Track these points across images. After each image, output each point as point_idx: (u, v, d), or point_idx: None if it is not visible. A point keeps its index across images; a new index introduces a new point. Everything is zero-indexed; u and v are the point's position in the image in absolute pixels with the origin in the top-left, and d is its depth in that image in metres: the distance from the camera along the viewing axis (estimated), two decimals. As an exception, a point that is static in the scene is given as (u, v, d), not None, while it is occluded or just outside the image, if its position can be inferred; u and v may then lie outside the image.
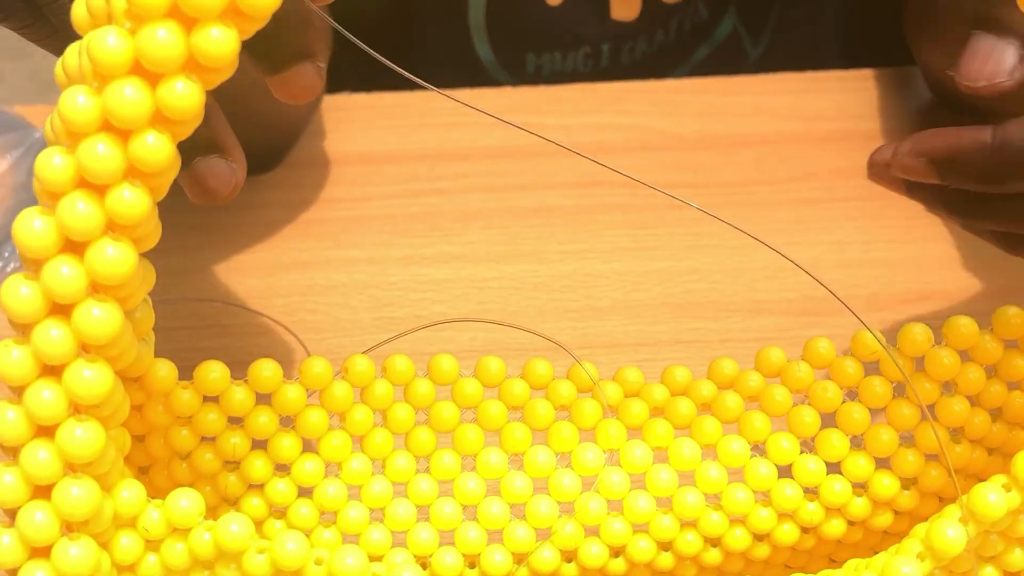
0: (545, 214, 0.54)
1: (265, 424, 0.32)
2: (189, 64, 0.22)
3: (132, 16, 0.22)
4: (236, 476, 0.33)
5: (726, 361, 0.34)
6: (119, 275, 0.24)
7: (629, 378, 0.34)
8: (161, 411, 0.32)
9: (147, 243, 0.25)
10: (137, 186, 0.23)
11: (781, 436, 0.33)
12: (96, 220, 0.23)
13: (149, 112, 0.22)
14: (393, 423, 0.33)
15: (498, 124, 0.58)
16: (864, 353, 0.33)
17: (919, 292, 0.49)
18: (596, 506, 0.33)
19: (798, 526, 0.33)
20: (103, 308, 0.24)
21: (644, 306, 0.49)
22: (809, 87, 0.63)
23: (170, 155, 0.23)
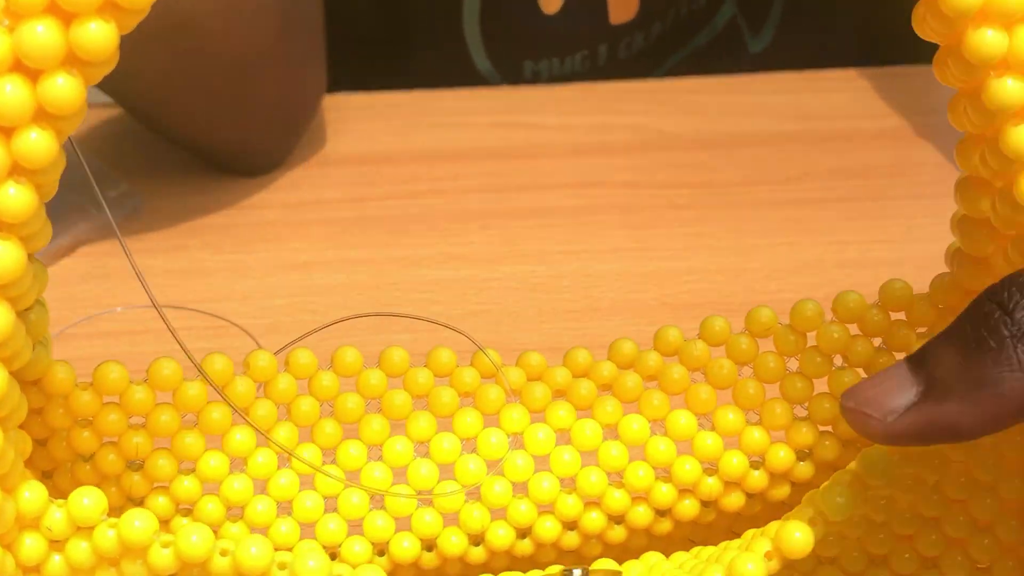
0: (544, 215, 0.54)
1: (167, 423, 0.32)
2: (69, 59, 0.22)
3: (10, 13, 0.22)
4: (140, 476, 0.33)
5: (626, 342, 0.35)
6: (7, 275, 0.23)
7: (532, 362, 0.35)
8: (62, 413, 0.31)
9: (36, 243, 0.25)
10: (23, 183, 0.23)
11: (680, 413, 0.34)
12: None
13: (31, 109, 0.22)
14: (297, 416, 0.33)
15: (497, 125, 0.59)
16: (758, 330, 0.34)
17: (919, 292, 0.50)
18: (501, 488, 0.33)
19: (698, 500, 0.34)
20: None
21: (643, 306, 0.49)
22: (809, 87, 0.64)
23: (54, 151, 0.23)
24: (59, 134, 0.23)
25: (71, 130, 0.23)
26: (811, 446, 0.34)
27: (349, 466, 0.34)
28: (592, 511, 0.34)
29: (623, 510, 0.34)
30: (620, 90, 0.63)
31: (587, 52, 0.63)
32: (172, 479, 0.33)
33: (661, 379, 0.34)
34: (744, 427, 0.34)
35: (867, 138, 0.61)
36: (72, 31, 0.22)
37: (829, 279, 0.52)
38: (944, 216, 0.55)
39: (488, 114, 0.61)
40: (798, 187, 0.58)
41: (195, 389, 0.32)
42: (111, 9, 0.22)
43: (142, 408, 0.32)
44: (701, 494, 0.34)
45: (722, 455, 0.34)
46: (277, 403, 0.33)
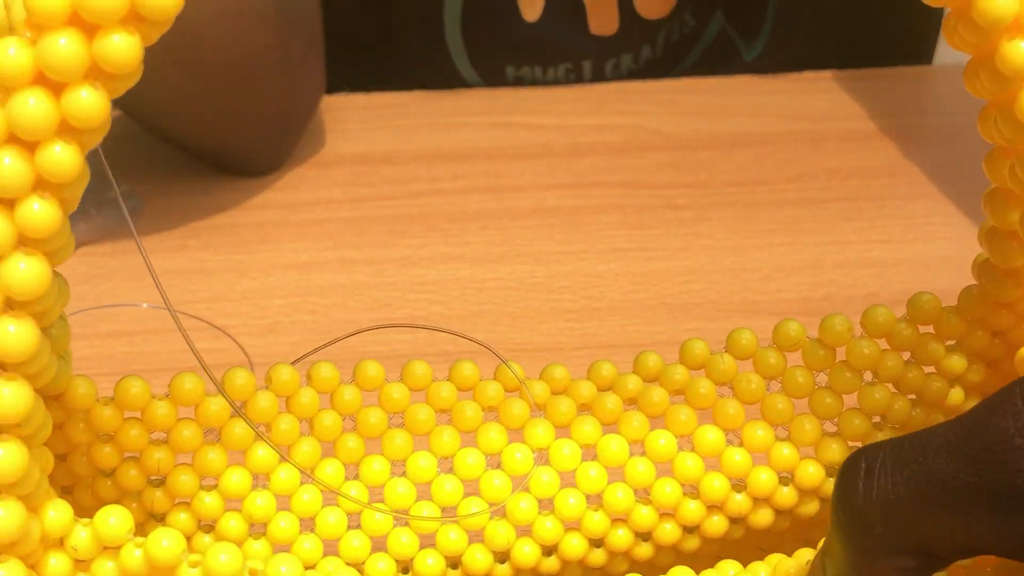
0: (543, 215, 0.54)
1: (189, 438, 0.32)
2: (93, 72, 0.22)
3: (32, 26, 0.22)
4: (162, 491, 0.32)
5: (651, 355, 0.34)
6: (33, 290, 0.23)
7: (556, 376, 0.34)
8: (83, 429, 0.31)
9: (60, 257, 0.24)
10: (47, 198, 0.23)
11: (707, 429, 0.33)
12: (6, 234, 0.23)
13: (55, 122, 0.22)
14: (320, 431, 0.33)
15: (496, 124, 0.59)
16: (786, 344, 0.33)
17: (917, 292, 0.50)
18: (527, 505, 0.33)
19: (727, 517, 0.34)
20: (18, 324, 0.23)
21: (642, 307, 0.49)
22: (808, 87, 0.64)
23: (79, 165, 0.23)
24: (83, 148, 0.23)
25: (94, 143, 0.23)
26: (840, 462, 0.33)
27: (372, 481, 0.33)
28: (619, 528, 0.33)
29: (650, 527, 0.33)
30: (618, 91, 0.63)
31: (571, 65, 0.62)
32: (194, 495, 0.32)
33: (688, 393, 0.34)
34: (773, 443, 0.33)
35: (865, 138, 0.61)
36: (96, 43, 0.21)
37: (828, 279, 0.52)
38: (942, 216, 0.55)
39: (487, 115, 0.61)
40: (796, 187, 0.58)
41: (217, 404, 0.32)
42: (135, 21, 0.22)
43: (164, 423, 0.32)
44: (729, 511, 0.33)
45: (751, 471, 0.33)
46: (299, 418, 0.33)
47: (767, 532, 0.35)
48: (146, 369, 0.46)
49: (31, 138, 0.22)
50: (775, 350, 0.33)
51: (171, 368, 0.32)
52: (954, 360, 0.33)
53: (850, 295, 0.51)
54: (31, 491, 0.26)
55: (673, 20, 0.65)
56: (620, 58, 0.61)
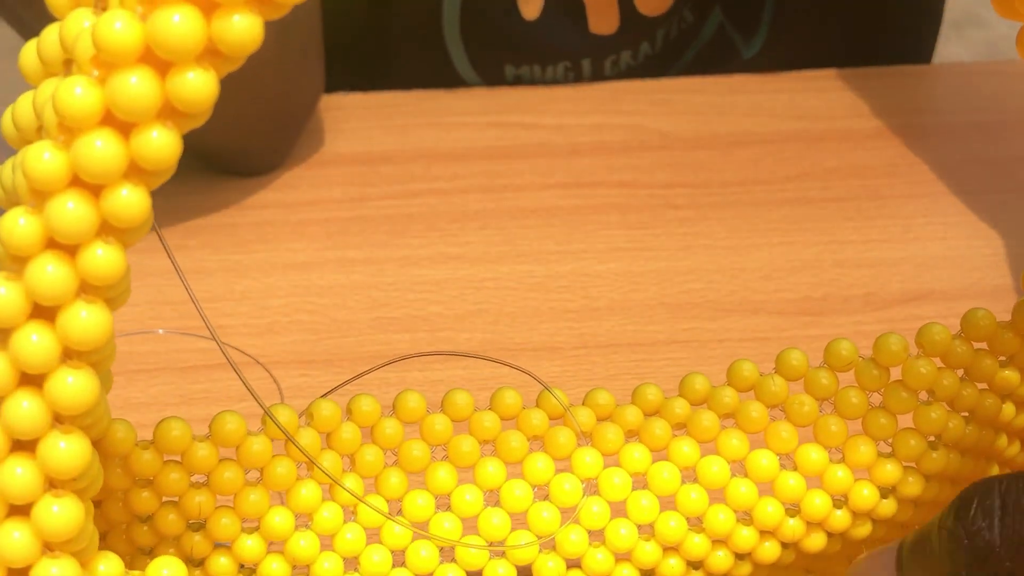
0: (542, 215, 0.54)
1: (231, 480, 0.31)
2: (165, 111, 0.21)
3: (100, 63, 0.20)
4: (201, 535, 0.31)
5: (697, 377, 0.33)
6: (94, 340, 0.22)
7: (600, 401, 0.33)
8: (120, 474, 0.30)
9: (119, 303, 0.23)
10: (111, 243, 0.22)
11: (761, 453, 0.32)
12: (68, 282, 0.21)
13: (124, 164, 0.21)
14: (362, 467, 0.32)
15: (495, 124, 0.58)
16: (839, 364, 0.32)
17: (916, 292, 0.50)
18: (577, 537, 0.32)
19: (779, 542, 0.33)
20: (77, 375, 0.22)
21: (641, 306, 0.48)
22: (807, 87, 0.64)
23: (147, 209, 0.21)
24: (149, 188, 0.22)
25: (159, 183, 0.22)
26: (896, 483, 0.32)
27: (417, 517, 0.32)
28: (671, 557, 0.33)
29: (703, 555, 0.33)
30: (617, 90, 0.63)
31: (569, 64, 0.62)
32: (235, 538, 0.31)
33: (739, 418, 0.33)
34: (827, 466, 0.32)
35: (864, 138, 0.61)
36: (169, 81, 0.20)
37: (828, 278, 0.51)
38: (942, 216, 0.54)
39: (485, 114, 0.60)
40: (796, 187, 0.58)
41: (259, 444, 0.31)
42: (211, 57, 0.20)
43: (205, 466, 0.30)
44: (783, 536, 0.33)
45: (805, 495, 0.32)
46: (342, 454, 0.32)
47: (817, 555, 0.34)
48: (171, 403, 0.44)
49: (97, 181, 0.21)
50: (827, 370, 0.33)
51: (189, 399, 0.31)
52: (1008, 375, 0.33)
53: (849, 295, 0.50)
54: (84, 547, 0.25)
55: (672, 17, 0.64)
56: (619, 55, 0.61)
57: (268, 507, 0.31)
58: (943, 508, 0.27)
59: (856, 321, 0.48)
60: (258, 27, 0.20)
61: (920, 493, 0.33)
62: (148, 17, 0.20)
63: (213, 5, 0.20)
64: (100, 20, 0.20)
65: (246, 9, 0.20)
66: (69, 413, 0.22)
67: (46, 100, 0.21)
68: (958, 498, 0.24)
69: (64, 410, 0.22)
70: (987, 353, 0.33)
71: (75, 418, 0.23)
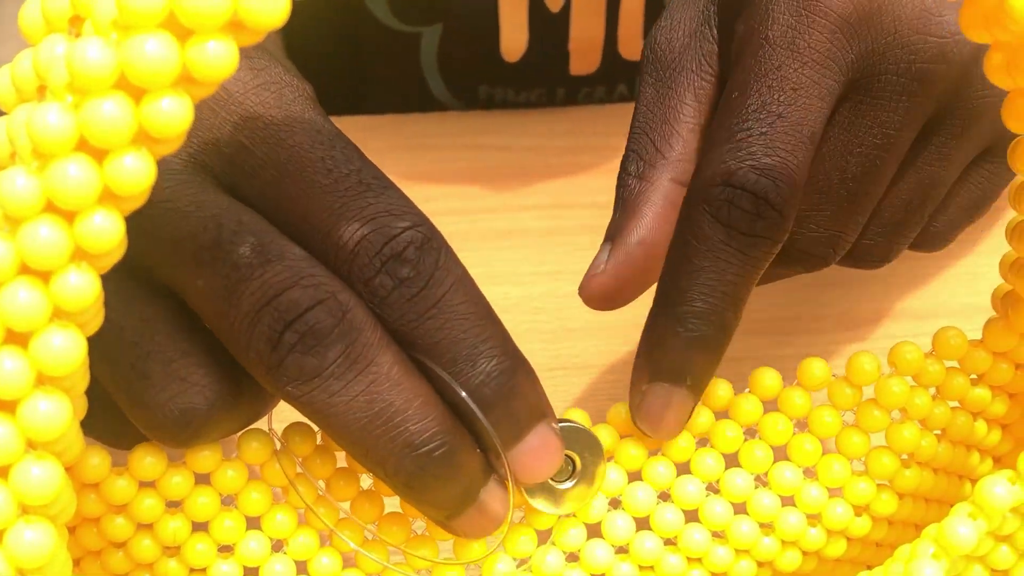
0: (517, 236, 0.54)
1: (205, 506, 0.30)
2: (140, 137, 0.21)
3: (74, 90, 0.20)
4: (177, 561, 0.31)
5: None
6: (67, 366, 0.22)
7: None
8: (94, 500, 0.30)
9: (92, 328, 0.23)
10: (84, 269, 0.21)
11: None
12: (41, 308, 0.21)
13: (97, 191, 0.21)
14: (336, 492, 0.32)
15: (469, 146, 0.58)
16: (812, 384, 0.33)
17: (888, 311, 0.50)
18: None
19: (755, 561, 0.33)
20: (50, 401, 0.22)
21: (616, 327, 0.48)
22: None
23: (120, 234, 0.21)
24: (123, 213, 0.21)
25: (133, 209, 0.22)
26: (870, 501, 0.33)
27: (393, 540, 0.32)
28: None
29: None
30: (592, 113, 0.63)
31: (543, 92, 0.62)
32: (210, 565, 0.31)
33: (713, 438, 0.33)
34: (801, 484, 0.32)
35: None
36: (143, 107, 0.20)
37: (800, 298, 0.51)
38: None
39: (458, 136, 0.60)
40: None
41: (234, 471, 0.30)
42: (186, 83, 0.20)
43: (179, 492, 0.30)
44: (757, 555, 0.33)
45: (779, 514, 0.32)
46: (317, 479, 0.32)
47: (792, 574, 0.34)
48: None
49: (70, 207, 0.21)
50: (800, 390, 0.33)
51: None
52: (979, 394, 0.33)
53: (822, 314, 0.51)
54: (57, 574, 0.24)
55: None
56: (594, 89, 0.61)
57: (244, 533, 0.31)
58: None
59: (829, 340, 0.48)
60: (233, 53, 0.20)
61: (894, 511, 0.33)
62: (122, 43, 0.20)
63: (187, 32, 0.20)
64: (74, 46, 0.20)
65: (221, 35, 0.20)
66: (42, 439, 0.22)
67: (20, 126, 0.21)
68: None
69: (37, 436, 0.22)
70: (959, 371, 0.33)
71: (48, 444, 0.23)
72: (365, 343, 0.27)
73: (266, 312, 0.27)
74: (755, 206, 0.31)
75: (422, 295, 0.28)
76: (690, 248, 0.31)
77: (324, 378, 0.27)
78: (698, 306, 0.31)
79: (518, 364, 0.29)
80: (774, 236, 0.31)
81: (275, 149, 0.29)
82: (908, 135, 0.33)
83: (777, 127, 0.31)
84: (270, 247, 0.27)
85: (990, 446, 0.34)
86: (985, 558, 0.28)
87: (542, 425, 0.30)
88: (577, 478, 0.31)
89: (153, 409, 0.28)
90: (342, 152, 0.29)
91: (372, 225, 0.28)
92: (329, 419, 0.28)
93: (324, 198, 0.28)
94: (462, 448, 0.29)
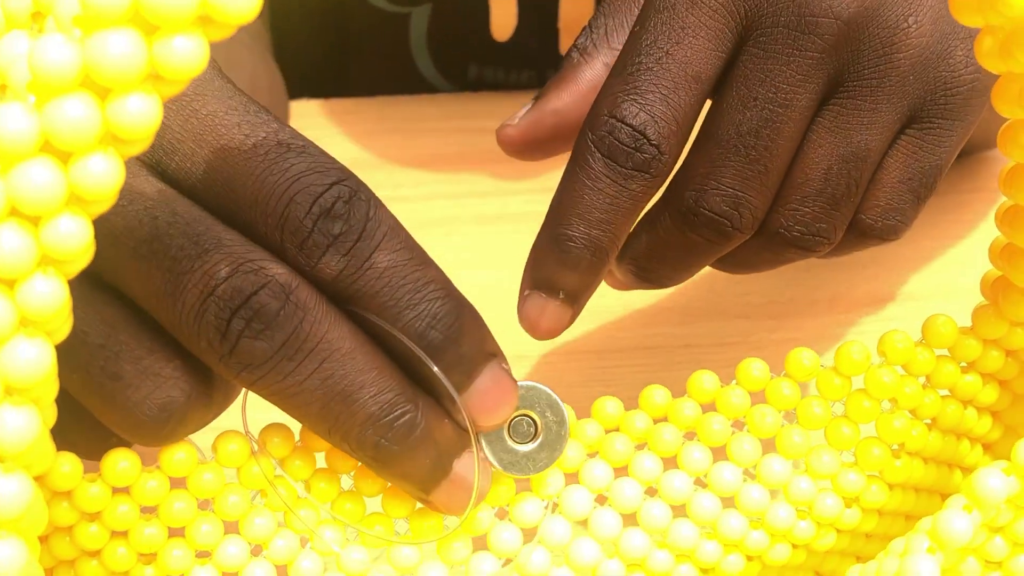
0: (508, 220, 0.53)
1: (181, 511, 0.30)
2: (106, 137, 0.20)
3: (36, 89, 0.19)
4: (153, 568, 0.30)
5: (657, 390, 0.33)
6: (34, 374, 0.21)
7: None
8: (66, 508, 0.29)
9: (60, 335, 0.22)
10: (51, 276, 0.21)
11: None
12: (6, 316, 0.20)
13: (63, 194, 0.20)
14: (317, 493, 0.31)
15: (459, 129, 0.57)
16: (800, 374, 0.32)
17: (882, 294, 0.49)
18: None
19: (744, 555, 0.33)
20: (18, 413, 0.21)
21: (608, 312, 0.48)
22: None
23: (88, 239, 0.20)
24: (91, 219, 0.21)
25: (100, 212, 0.21)
26: (860, 493, 0.32)
27: (373, 546, 0.31)
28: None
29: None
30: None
31: (534, 73, 0.61)
32: (188, 571, 0.30)
33: (700, 431, 0.32)
34: (791, 477, 0.32)
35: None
36: (110, 107, 0.19)
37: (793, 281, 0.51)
38: (936, 210, 0.54)
39: (449, 119, 0.59)
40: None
41: (211, 473, 0.30)
42: (153, 81, 0.19)
43: (154, 497, 0.29)
44: (746, 549, 0.32)
45: (768, 507, 0.32)
46: (297, 481, 0.31)
47: (782, 567, 0.33)
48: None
49: (35, 212, 0.20)
50: (789, 381, 0.32)
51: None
52: (969, 381, 0.32)
53: (815, 297, 0.50)
54: (29, 589, 0.24)
55: None
56: None
57: (221, 537, 0.30)
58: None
59: (821, 324, 0.48)
60: (203, 49, 0.19)
61: (884, 502, 0.32)
62: (86, 40, 0.19)
63: (153, 27, 0.19)
64: (35, 44, 0.19)
65: (190, 30, 0.19)
66: (10, 451, 0.21)
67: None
68: None
69: (5, 447, 0.21)
70: (949, 359, 0.32)
71: (16, 456, 0.22)
72: (313, 320, 0.27)
73: (211, 302, 0.27)
74: (633, 140, 0.32)
75: (357, 248, 0.28)
76: (573, 174, 0.33)
77: (276, 360, 0.27)
78: (572, 231, 0.33)
79: (462, 305, 0.29)
80: (651, 171, 0.32)
81: (189, 120, 0.28)
82: (805, 94, 0.33)
83: (664, 63, 0.32)
84: (206, 236, 0.27)
85: (980, 434, 0.34)
86: (979, 549, 0.28)
87: (492, 364, 0.30)
88: (540, 439, 0.31)
89: (130, 409, 0.27)
90: (257, 116, 0.29)
91: (298, 185, 0.28)
92: (288, 400, 0.28)
93: (246, 164, 0.28)
94: (427, 415, 0.29)
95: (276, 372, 0.27)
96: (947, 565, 0.27)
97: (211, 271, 0.27)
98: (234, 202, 0.28)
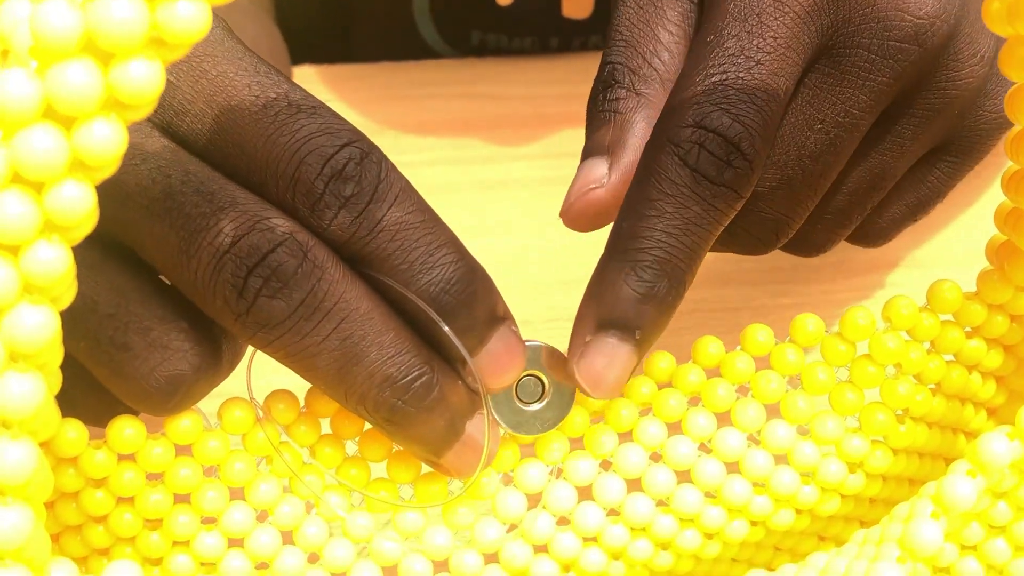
0: (511, 186, 0.53)
1: (187, 477, 0.30)
2: (109, 103, 0.20)
3: (38, 54, 0.19)
4: (159, 534, 0.30)
5: (663, 356, 0.33)
6: (39, 342, 0.21)
7: None
8: (72, 475, 0.29)
9: (64, 302, 0.22)
10: (55, 242, 0.21)
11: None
12: (11, 282, 0.20)
13: (66, 160, 0.20)
14: (323, 458, 0.31)
15: (462, 95, 0.57)
16: (805, 340, 0.32)
17: (887, 259, 0.49)
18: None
19: (747, 520, 0.33)
20: (23, 379, 0.21)
21: None
22: None
23: (92, 205, 0.20)
24: (94, 183, 0.21)
25: (103, 179, 0.21)
26: (864, 458, 0.32)
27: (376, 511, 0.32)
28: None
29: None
30: (587, 60, 0.61)
31: (536, 39, 0.61)
32: (194, 537, 0.30)
33: (705, 397, 0.32)
34: (795, 442, 0.32)
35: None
36: (112, 72, 0.19)
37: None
38: None
39: (452, 85, 0.59)
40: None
41: (216, 440, 0.30)
42: (156, 46, 0.19)
43: (160, 464, 0.29)
44: (751, 514, 0.32)
45: (772, 472, 0.32)
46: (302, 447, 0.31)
47: (786, 532, 0.34)
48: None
49: (39, 178, 0.20)
50: (794, 346, 0.32)
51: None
52: (974, 347, 0.32)
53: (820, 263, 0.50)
54: (37, 554, 0.24)
55: None
56: (588, 38, 0.60)
57: (228, 503, 0.30)
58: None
59: (827, 290, 0.48)
60: (205, 12, 0.19)
61: (888, 467, 0.32)
62: (88, 5, 0.19)
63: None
64: (37, 9, 0.19)
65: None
66: (15, 417, 0.21)
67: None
68: None
69: (10, 414, 0.21)
70: (954, 324, 0.32)
71: (23, 422, 0.22)
72: (331, 280, 0.27)
73: (227, 260, 0.26)
74: (726, 152, 0.29)
75: (369, 210, 0.27)
76: (653, 191, 0.29)
77: (294, 320, 0.27)
78: (656, 254, 0.29)
79: (474, 268, 0.29)
80: (740, 189, 0.30)
81: (200, 81, 0.28)
82: (870, 119, 0.32)
83: (755, 74, 0.30)
84: (220, 194, 0.27)
85: (984, 399, 0.34)
86: (983, 514, 0.28)
87: (503, 328, 0.29)
88: (548, 398, 0.31)
89: (137, 380, 0.27)
90: (267, 76, 0.28)
91: (309, 147, 0.27)
92: (304, 362, 0.27)
93: (256, 125, 0.27)
94: (442, 377, 0.28)
95: (294, 332, 0.27)
96: (951, 530, 0.27)
97: (226, 228, 0.26)
98: (245, 163, 0.28)
